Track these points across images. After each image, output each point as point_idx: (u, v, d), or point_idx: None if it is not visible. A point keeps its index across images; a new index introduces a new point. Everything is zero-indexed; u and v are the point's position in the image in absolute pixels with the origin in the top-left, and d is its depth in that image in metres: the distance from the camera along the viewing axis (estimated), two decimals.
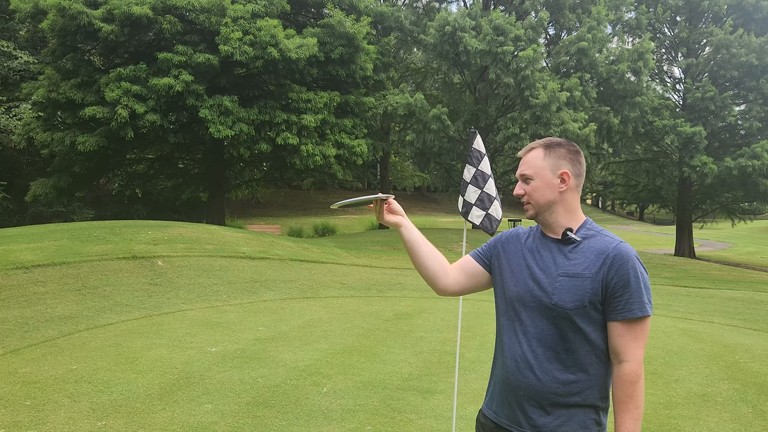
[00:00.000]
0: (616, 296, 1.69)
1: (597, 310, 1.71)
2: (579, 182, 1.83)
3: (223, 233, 12.46)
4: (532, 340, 1.76)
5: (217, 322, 7.13)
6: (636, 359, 1.69)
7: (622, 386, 1.70)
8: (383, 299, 9.41)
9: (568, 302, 1.70)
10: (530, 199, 1.83)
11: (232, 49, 17.25)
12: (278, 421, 4.05)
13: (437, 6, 24.73)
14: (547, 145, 1.84)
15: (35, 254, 8.61)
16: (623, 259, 1.69)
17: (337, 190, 48.09)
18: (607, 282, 1.69)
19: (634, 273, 1.69)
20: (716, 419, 4.37)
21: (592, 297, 1.69)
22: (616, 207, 61.67)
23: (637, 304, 1.68)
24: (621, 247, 1.72)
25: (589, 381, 1.73)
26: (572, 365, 1.73)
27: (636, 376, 1.69)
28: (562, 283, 1.72)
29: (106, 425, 3.89)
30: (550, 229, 1.83)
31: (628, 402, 1.68)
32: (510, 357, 1.80)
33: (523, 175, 1.84)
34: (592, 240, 1.76)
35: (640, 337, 1.70)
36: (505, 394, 1.82)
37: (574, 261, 1.74)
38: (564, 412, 1.72)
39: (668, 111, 25.01)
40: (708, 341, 7.06)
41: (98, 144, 17.63)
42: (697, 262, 22.72)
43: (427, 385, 4.93)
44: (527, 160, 1.85)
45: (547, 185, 1.80)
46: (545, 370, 1.74)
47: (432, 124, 20.01)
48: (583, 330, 1.72)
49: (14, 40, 23.36)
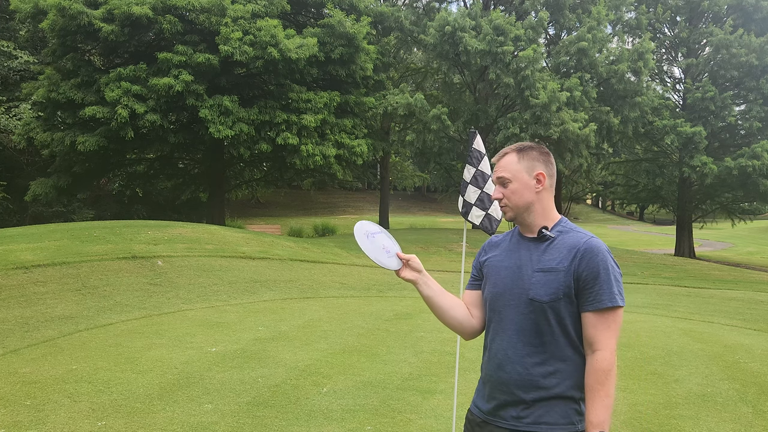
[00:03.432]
0: (587, 288, 1.76)
1: (572, 303, 1.78)
2: (552, 182, 1.93)
3: (223, 233, 12.46)
4: (512, 336, 1.83)
5: (217, 322, 7.13)
6: (608, 348, 1.76)
7: (594, 374, 1.75)
8: (383, 299, 9.41)
9: (544, 296, 1.78)
10: (509, 202, 1.91)
11: (232, 49, 17.25)
12: (278, 421, 4.05)
13: (437, 6, 24.73)
14: (520, 149, 1.93)
15: (35, 254, 8.61)
16: (593, 253, 1.78)
17: (337, 190, 48.11)
18: (579, 274, 1.77)
19: (603, 265, 1.77)
20: (716, 419, 4.36)
21: (566, 290, 1.77)
22: (616, 207, 61.64)
23: (607, 294, 1.75)
24: (591, 242, 1.80)
25: (568, 372, 1.80)
26: (551, 357, 1.80)
27: (609, 364, 1.74)
28: (537, 278, 1.80)
29: (106, 425, 3.89)
30: (528, 229, 1.91)
31: (599, 389, 1.73)
32: (493, 353, 1.89)
33: (500, 179, 1.92)
34: (566, 236, 1.85)
35: (612, 327, 1.77)
36: (489, 389, 1.89)
37: (549, 257, 1.82)
38: (545, 404, 1.79)
39: (668, 111, 25.00)
40: (708, 341, 7.06)
41: (98, 144, 17.62)
42: (697, 262, 22.72)
43: (427, 385, 4.93)
44: (503, 164, 1.92)
45: (524, 187, 1.89)
46: (526, 364, 1.81)
47: (432, 124, 20.01)
48: (559, 322, 1.79)
49: (14, 40, 23.34)
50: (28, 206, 21.32)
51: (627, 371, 5.53)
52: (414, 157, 23.84)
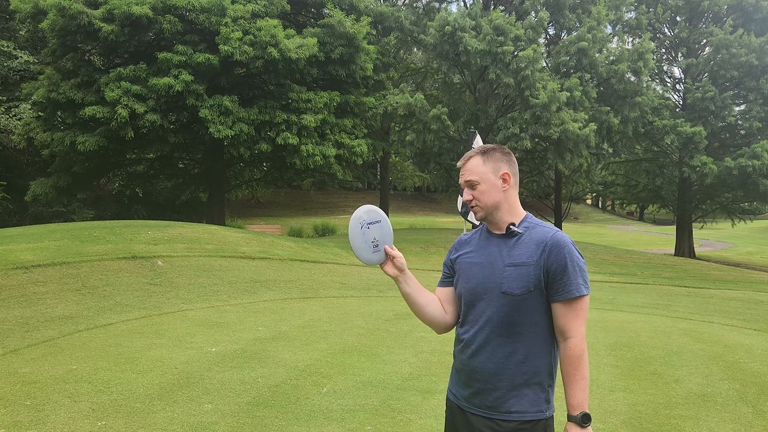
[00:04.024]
0: (556, 280, 1.88)
1: (542, 294, 1.90)
2: (516, 180, 2.05)
3: (223, 233, 12.46)
4: (485, 328, 1.94)
5: (217, 322, 7.13)
6: (579, 335, 1.88)
7: (568, 360, 1.87)
8: (383, 299, 9.41)
9: (516, 289, 1.89)
10: (478, 203, 2.01)
11: (232, 49, 17.25)
12: (278, 421, 4.05)
13: (437, 6, 24.72)
14: (484, 152, 2.04)
15: (35, 254, 8.61)
16: (560, 247, 1.89)
17: (337, 190, 48.11)
18: (548, 267, 1.88)
19: (570, 258, 1.89)
20: (716, 419, 4.36)
21: (536, 282, 1.89)
22: (616, 207, 61.64)
23: (574, 285, 1.87)
24: (557, 236, 1.92)
25: (539, 362, 1.91)
26: (523, 347, 1.90)
27: (580, 350, 1.87)
28: (509, 273, 1.91)
29: (106, 425, 3.89)
30: (496, 227, 2.03)
31: (575, 374, 1.86)
32: (467, 344, 1.99)
33: (468, 182, 2.03)
34: (533, 231, 1.96)
35: (580, 314, 1.89)
36: (463, 377, 2.01)
37: (518, 252, 1.93)
38: (516, 393, 1.89)
39: (668, 111, 25.01)
40: (708, 341, 7.06)
41: (98, 144, 17.62)
42: (697, 262, 22.73)
43: (427, 385, 4.93)
44: (469, 168, 2.03)
45: (492, 187, 2.00)
46: (499, 354, 1.92)
47: (432, 124, 20.00)
48: (530, 314, 1.90)
49: (14, 40, 23.35)
50: (28, 206, 21.32)
51: (627, 371, 5.54)
52: (414, 157, 23.83)
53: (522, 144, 19.51)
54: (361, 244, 2.09)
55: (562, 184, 28.85)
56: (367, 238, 2.09)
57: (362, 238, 2.09)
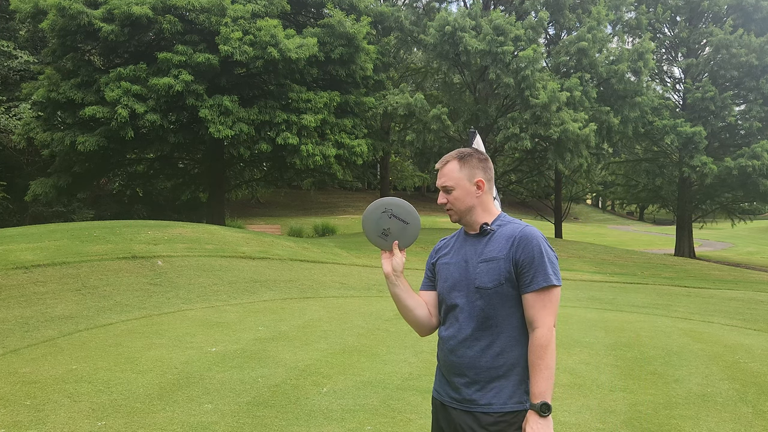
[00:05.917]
0: (524, 272, 1.93)
1: (514, 287, 1.95)
2: (491, 185, 2.11)
3: (223, 233, 12.46)
4: (462, 323, 1.99)
5: (217, 322, 7.13)
6: (546, 325, 1.91)
7: (534, 350, 1.91)
8: (383, 299, 9.41)
9: (488, 283, 1.95)
10: (453, 207, 2.08)
11: (232, 49, 17.25)
12: (278, 421, 4.05)
13: (437, 6, 24.72)
14: (461, 157, 2.09)
15: (35, 254, 8.61)
16: (528, 239, 1.95)
17: (337, 190, 48.10)
18: (517, 260, 1.94)
19: (538, 250, 1.93)
20: (716, 419, 4.36)
21: (507, 275, 1.94)
22: (616, 207, 61.65)
23: (542, 275, 1.92)
24: (526, 230, 1.98)
25: (516, 353, 1.95)
26: (499, 340, 1.95)
27: (546, 340, 1.90)
28: (481, 268, 1.98)
29: (106, 425, 3.89)
30: (471, 228, 2.09)
31: (540, 363, 1.89)
32: (446, 340, 2.04)
33: (444, 187, 2.08)
34: (504, 228, 2.03)
35: (548, 306, 1.92)
36: (445, 374, 2.06)
37: (490, 248, 2.00)
38: (495, 385, 1.94)
39: (668, 111, 25.02)
40: (708, 341, 7.06)
41: (98, 144, 17.62)
42: (697, 262, 22.72)
43: (427, 384, 4.93)
44: (445, 172, 2.09)
45: (466, 193, 2.06)
46: (476, 348, 1.96)
47: (432, 124, 20.01)
48: (504, 307, 1.95)
49: (14, 40, 23.34)
50: (28, 206, 21.31)
51: (627, 371, 5.53)
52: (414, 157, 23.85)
53: (522, 144, 19.52)
54: (371, 223, 2.16)
55: (562, 184, 28.87)
56: (381, 224, 2.16)
57: (377, 219, 2.16)
